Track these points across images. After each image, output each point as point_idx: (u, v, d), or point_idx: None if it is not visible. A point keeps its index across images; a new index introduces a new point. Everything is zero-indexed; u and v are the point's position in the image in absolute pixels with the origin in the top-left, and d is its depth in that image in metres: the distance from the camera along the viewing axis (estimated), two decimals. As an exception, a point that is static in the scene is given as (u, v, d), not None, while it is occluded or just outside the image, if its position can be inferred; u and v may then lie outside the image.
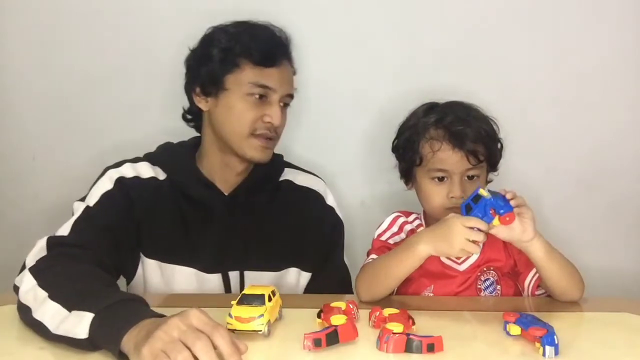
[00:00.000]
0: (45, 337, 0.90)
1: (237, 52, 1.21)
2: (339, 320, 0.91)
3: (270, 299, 0.94)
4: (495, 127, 1.22)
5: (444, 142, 1.17)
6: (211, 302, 1.02)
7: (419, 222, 1.27)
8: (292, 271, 1.33)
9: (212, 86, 1.23)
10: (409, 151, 1.22)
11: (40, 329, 0.90)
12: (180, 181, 1.26)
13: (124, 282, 1.27)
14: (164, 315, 0.83)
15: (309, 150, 1.59)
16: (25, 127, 1.65)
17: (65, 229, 1.13)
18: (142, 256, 1.25)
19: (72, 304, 0.89)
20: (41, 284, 0.96)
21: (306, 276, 1.34)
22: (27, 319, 0.94)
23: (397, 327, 0.89)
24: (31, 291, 0.95)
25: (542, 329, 0.88)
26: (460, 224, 1.04)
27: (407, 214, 1.28)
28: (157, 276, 1.25)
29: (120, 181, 1.22)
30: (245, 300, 0.93)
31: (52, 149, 1.65)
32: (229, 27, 1.26)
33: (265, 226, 1.30)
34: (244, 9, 1.29)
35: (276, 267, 1.31)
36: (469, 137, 1.16)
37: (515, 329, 0.92)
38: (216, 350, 0.77)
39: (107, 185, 1.21)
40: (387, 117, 1.37)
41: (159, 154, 1.31)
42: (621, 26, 1.58)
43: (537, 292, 1.19)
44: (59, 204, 1.32)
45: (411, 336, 0.87)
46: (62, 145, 1.64)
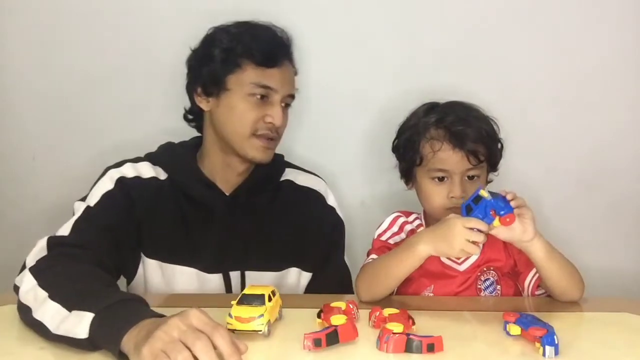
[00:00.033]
0: (45, 337, 0.90)
1: (238, 53, 1.21)
2: (339, 320, 0.91)
3: (270, 299, 0.94)
4: (495, 127, 1.23)
5: (444, 142, 1.17)
6: (211, 302, 1.02)
7: (419, 222, 1.27)
8: (293, 271, 1.32)
9: (214, 86, 1.23)
10: (409, 151, 1.22)
11: (40, 329, 0.90)
12: (181, 181, 1.26)
13: (125, 282, 1.27)
14: (164, 315, 0.83)
15: (309, 150, 1.59)
16: (25, 127, 1.65)
17: (65, 229, 1.13)
18: (142, 256, 1.25)
19: (72, 304, 0.89)
20: (41, 284, 0.96)
21: (307, 276, 1.34)
22: (27, 319, 0.94)
23: (397, 327, 0.89)
24: (31, 291, 0.95)
25: (542, 329, 0.88)
26: (460, 224, 1.04)
27: (407, 214, 1.29)
28: (157, 276, 1.25)
29: (121, 181, 1.22)
30: (245, 300, 0.93)
31: (52, 149, 1.65)
32: (231, 27, 1.26)
33: (266, 226, 1.30)
34: (244, 9, 1.29)
35: (277, 267, 1.31)
36: (470, 137, 1.16)
37: (515, 329, 0.92)
38: (216, 350, 0.77)
39: (108, 185, 1.21)
40: (387, 117, 1.37)
41: (160, 154, 1.31)
42: (621, 26, 1.58)
43: (537, 292, 1.19)
44: (59, 204, 1.32)
45: (411, 336, 0.87)
46: (62, 145, 1.64)
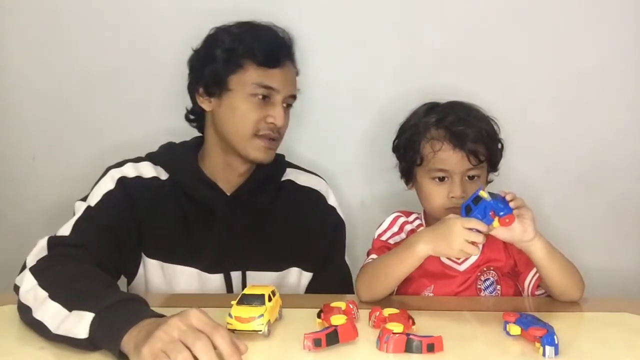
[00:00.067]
0: (45, 337, 0.90)
1: (240, 53, 1.21)
2: (339, 320, 0.91)
3: (270, 299, 0.94)
4: (495, 128, 1.23)
5: (444, 142, 1.17)
6: (212, 302, 1.02)
7: (419, 222, 1.27)
8: (294, 271, 1.32)
9: (216, 87, 1.23)
10: (409, 151, 1.22)
11: (40, 328, 0.91)
12: (182, 181, 1.26)
13: (125, 282, 1.27)
14: (164, 315, 0.83)
15: (309, 150, 1.59)
16: (25, 127, 1.65)
17: (66, 229, 1.13)
18: (143, 256, 1.24)
19: (72, 304, 0.89)
20: (42, 283, 0.96)
21: (307, 276, 1.34)
22: (27, 319, 0.94)
23: (397, 327, 0.89)
24: (31, 291, 0.95)
25: (542, 329, 0.88)
26: (460, 225, 1.04)
27: (408, 214, 1.28)
28: (158, 276, 1.25)
29: (122, 181, 1.22)
30: (245, 300, 0.93)
31: (52, 149, 1.65)
32: (232, 27, 1.26)
33: (267, 226, 1.29)
34: (244, 9, 1.29)
35: (278, 267, 1.31)
36: (470, 137, 1.16)
37: (515, 329, 0.92)
38: (216, 350, 0.77)
39: (108, 185, 1.21)
40: (387, 117, 1.37)
41: (161, 154, 1.31)
42: (621, 26, 1.58)
43: (537, 292, 1.19)
44: (59, 204, 1.32)
45: (411, 336, 0.87)
46: (62, 145, 1.64)
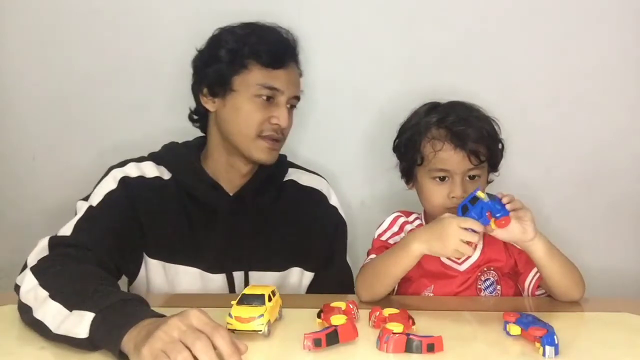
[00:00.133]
0: (45, 336, 0.90)
1: (245, 54, 1.21)
2: (339, 320, 0.91)
3: (270, 299, 0.94)
4: (496, 128, 1.22)
5: (445, 142, 1.17)
6: (213, 302, 1.02)
7: (419, 222, 1.27)
8: (295, 271, 1.33)
9: (220, 87, 1.23)
10: (410, 151, 1.22)
11: (40, 328, 0.91)
12: (185, 181, 1.26)
13: (126, 282, 1.27)
14: (165, 315, 0.83)
15: (310, 150, 1.59)
16: (25, 127, 1.65)
17: (67, 229, 1.13)
18: (145, 256, 1.24)
19: (72, 303, 0.89)
20: (42, 283, 0.96)
21: (309, 276, 1.34)
22: (27, 319, 0.94)
23: (397, 327, 0.89)
24: (32, 291, 0.95)
25: (542, 329, 0.88)
26: (456, 224, 1.03)
27: (408, 214, 1.28)
28: (160, 276, 1.25)
29: (124, 181, 1.22)
30: (245, 300, 0.93)
31: (52, 149, 1.65)
32: (237, 28, 1.26)
33: (269, 226, 1.30)
34: (244, 9, 1.29)
35: (280, 267, 1.31)
36: (471, 137, 1.16)
37: (515, 329, 0.92)
38: (216, 350, 0.77)
39: (110, 185, 1.21)
40: (387, 117, 1.37)
41: (164, 154, 1.31)
42: (621, 26, 1.58)
43: (537, 292, 1.19)
44: (59, 204, 1.32)
45: (411, 336, 0.87)
46: (62, 145, 1.64)
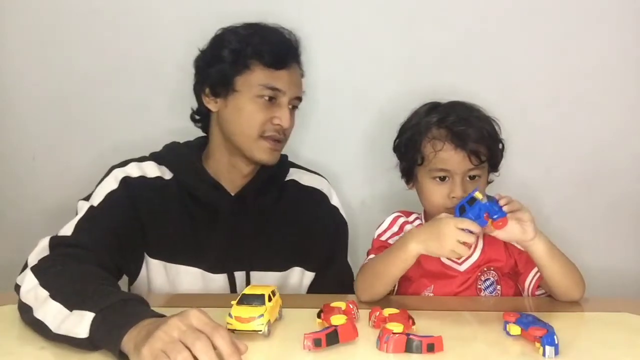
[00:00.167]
0: (45, 336, 0.90)
1: (247, 54, 1.21)
2: (339, 320, 0.91)
3: (270, 299, 0.94)
4: (497, 128, 1.22)
5: (446, 142, 1.16)
6: (214, 303, 1.02)
7: (419, 222, 1.27)
8: (296, 271, 1.33)
9: (222, 87, 1.23)
10: (410, 150, 1.22)
11: (41, 328, 0.91)
12: (186, 181, 1.26)
13: (127, 282, 1.27)
14: (165, 315, 0.83)
15: (310, 150, 1.59)
16: (25, 127, 1.65)
17: (68, 229, 1.13)
18: (146, 256, 1.24)
19: (73, 303, 0.89)
20: (42, 283, 0.96)
21: (310, 276, 1.34)
22: (28, 319, 0.94)
23: (397, 327, 0.89)
24: (32, 290, 0.95)
25: (542, 329, 0.88)
26: (453, 225, 1.03)
27: (408, 214, 1.28)
28: (161, 276, 1.25)
29: (125, 181, 1.22)
30: (245, 300, 0.93)
31: (52, 149, 1.65)
32: (239, 28, 1.26)
33: (271, 226, 1.30)
34: (244, 9, 1.29)
35: (281, 267, 1.31)
36: (471, 137, 1.16)
37: (515, 329, 0.92)
38: (216, 350, 0.77)
39: (112, 184, 1.21)
40: (387, 117, 1.37)
41: (165, 154, 1.31)
42: (621, 26, 1.58)
43: (537, 292, 1.19)
44: (59, 204, 1.32)
45: (411, 336, 0.87)
46: (62, 145, 1.64)
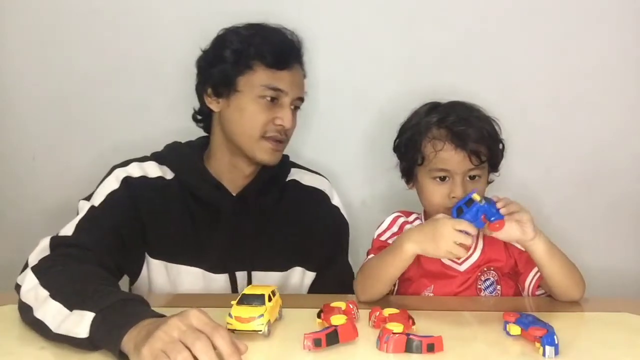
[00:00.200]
0: (46, 336, 0.90)
1: (250, 54, 1.21)
2: (339, 320, 0.91)
3: (270, 299, 0.94)
4: (497, 128, 1.22)
5: (446, 142, 1.16)
6: (215, 303, 1.02)
7: (419, 222, 1.27)
8: (297, 270, 1.33)
9: (224, 87, 1.23)
10: (410, 150, 1.22)
11: (41, 328, 0.91)
12: (188, 181, 1.26)
13: (128, 282, 1.27)
14: (165, 315, 0.83)
15: (310, 150, 1.59)
16: (25, 127, 1.65)
17: (69, 229, 1.13)
18: (147, 256, 1.24)
19: (73, 303, 0.89)
20: (43, 283, 0.96)
21: (310, 276, 1.34)
22: (28, 318, 0.94)
23: (397, 327, 0.89)
24: (32, 290, 0.95)
25: (542, 329, 0.88)
26: (450, 225, 1.03)
27: (408, 214, 1.28)
28: (162, 276, 1.25)
29: (126, 181, 1.22)
30: (245, 300, 0.93)
31: (52, 149, 1.65)
32: (242, 29, 1.26)
33: (272, 226, 1.30)
34: (244, 9, 1.29)
35: (282, 267, 1.31)
36: (472, 137, 1.16)
37: (515, 329, 0.92)
38: (216, 350, 0.77)
39: (113, 184, 1.21)
40: (387, 117, 1.37)
41: (167, 154, 1.30)
42: (621, 26, 1.58)
43: (538, 292, 1.19)
44: (59, 204, 1.32)
45: (411, 336, 0.87)
46: (62, 145, 1.64)
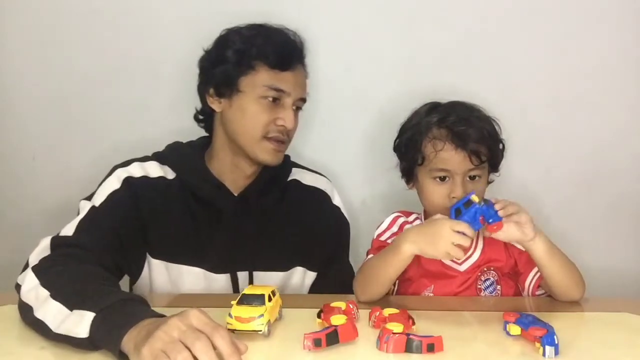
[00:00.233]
0: (46, 336, 0.90)
1: (252, 55, 1.21)
2: (339, 320, 0.91)
3: (270, 299, 0.94)
4: (497, 128, 1.22)
5: (446, 142, 1.16)
6: (216, 303, 1.02)
7: (419, 222, 1.27)
8: (298, 270, 1.33)
9: (226, 88, 1.23)
10: (411, 150, 1.22)
11: (41, 328, 0.91)
12: (189, 181, 1.26)
13: (128, 282, 1.27)
14: (165, 315, 0.83)
15: (310, 150, 1.59)
16: (25, 127, 1.65)
17: (69, 229, 1.12)
18: (147, 256, 1.24)
19: (73, 303, 0.89)
20: (43, 283, 0.96)
21: (311, 275, 1.34)
22: (28, 318, 0.94)
23: (397, 327, 0.89)
24: (33, 290, 0.95)
25: (542, 329, 0.88)
26: (448, 226, 1.03)
27: (407, 214, 1.28)
28: (163, 276, 1.24)
29: (127, 181, 1.22)
30: (245, 300, 0.93)
31: (52, 149, 1.65)
32: (244, 29, 1.25)
33: (273, 226, 1.29)
34: (244, 9, 1.29)
35: (284, 267, 1.31)
36: (472, 137, 1.16)
37: (515, 329, 0.92)
38: (216, 350, 0.77)
39: (114, 184, 1.21)
40: (387, 117, 1.37)
41: (168, 153, 1.30)
42: (621, 26, 1.58)
43: (538, 292, 1.19)
44: (59, 204, 1.32)
45: (411, 336, 0.87)
46: (62, 145, 1.64)
